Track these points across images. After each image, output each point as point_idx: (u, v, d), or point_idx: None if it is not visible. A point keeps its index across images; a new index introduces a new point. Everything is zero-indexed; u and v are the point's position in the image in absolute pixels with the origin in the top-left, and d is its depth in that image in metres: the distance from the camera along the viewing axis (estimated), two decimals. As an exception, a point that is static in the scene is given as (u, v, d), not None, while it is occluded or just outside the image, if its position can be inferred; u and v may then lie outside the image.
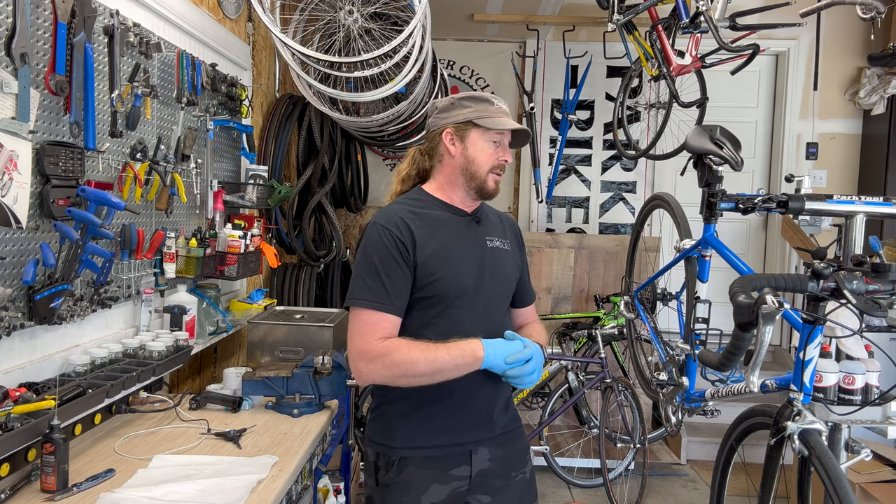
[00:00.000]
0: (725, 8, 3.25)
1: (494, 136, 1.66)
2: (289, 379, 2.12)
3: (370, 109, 3.92)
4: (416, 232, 1.59)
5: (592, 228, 5.13)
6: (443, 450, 1.62)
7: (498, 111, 1.66)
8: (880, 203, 1.96)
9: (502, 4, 4.59)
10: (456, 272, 1.60)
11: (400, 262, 1.56)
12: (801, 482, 1.77)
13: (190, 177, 2.56)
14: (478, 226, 1.72)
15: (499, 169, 1.67)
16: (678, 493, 3.78)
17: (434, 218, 1.66)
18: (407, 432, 1.63)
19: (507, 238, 1.77)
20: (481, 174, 1.66)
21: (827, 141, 4.87)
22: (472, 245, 1.68)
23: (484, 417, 1.65)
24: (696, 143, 2.16)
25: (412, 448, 1.62)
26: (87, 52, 1.85)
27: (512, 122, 1.66)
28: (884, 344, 1.88)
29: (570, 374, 3.84)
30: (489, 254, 1.69)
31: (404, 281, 1.57)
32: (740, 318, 1.50)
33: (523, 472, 1.72)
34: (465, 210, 1.71)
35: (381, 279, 1.55)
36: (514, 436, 1.73)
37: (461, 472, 1.62)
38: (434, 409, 1.62)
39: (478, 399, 1.64)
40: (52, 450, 1.47)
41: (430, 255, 1.59)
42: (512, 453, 1.71)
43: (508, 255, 1.75)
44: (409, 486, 1.59)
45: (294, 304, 3.85)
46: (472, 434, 1.64)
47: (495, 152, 1.67)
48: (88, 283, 1.97)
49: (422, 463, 1.60)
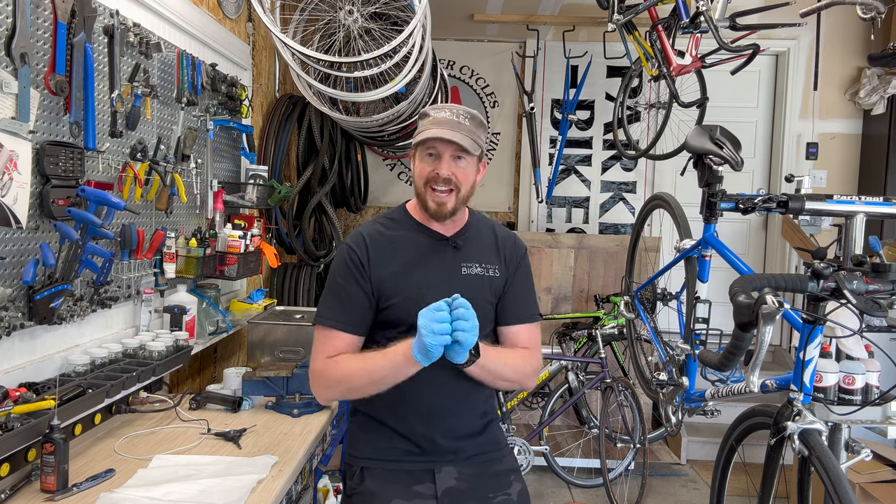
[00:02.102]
0: (725, 8, 3.25)
1: (428, 148, 1.57)
2: (289, 379, 2.12)
3: (370, 109, 3.92)
4: (374, 254, 1.58)
5: (592, 228, 5.13)
6: (403, 464, 1.59)
7: (431, 122, 1.56)
8: (880, 203, 1.96)
9: (502, 4, 4.59)
10: (413, 299, 1.52)
11: (358, 280, 1.57)
12: (801, 482, 1.77)
13: (190, 177, 2.56)
14: (455, 251, 1.63)
15: (434, 183, 1.56)
16: (678, 493, 3.78)
17: (401, 240, 1.62)
18: (368, 442, 1.62)
19: (495, 264, 1.66)
20: (420, 190, 1.60)
21: (827, 141, 4.87)
22: (441, 271, 1.60)
23: (447, 443, 1.60)
24: (696, 143, 2.16)
25: (372, 459, 1.61)
26: (87, 52, 1.85)
27: (431, 133, 1.53)
28: (884, 344, 1.88)
29: (570, 374, 3.84)
30: (461, 282, 1.59)
31: (362, 300, 1.57)
32: (740, 318, 1.50)
33: (506, 494, 1.62)
34: (441, 233, 1.64)
35: (340, 297, 1.57)
36: (494, 458, 1.66)
37: (425, 490, 1.57)
38: (395, 426, 1.60)
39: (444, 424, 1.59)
40: (52, 450, 1.47)
41: (387, 278, 1.57)
42: (489, 475, 1.63)
43: (488, 284, 1.63)
44: (372, 498, 1.57)
45: (294, 304, 3.86)
46: (433, 453, 1.60)
47: (430, 165, 1.57)
48: (88, 283, 1.97)
49: (383, 475, 1.59)
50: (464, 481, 1.59)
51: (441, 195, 1.57)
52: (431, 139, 1.55)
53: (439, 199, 1.57)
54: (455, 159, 1.57)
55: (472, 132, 1.57)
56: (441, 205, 1.58)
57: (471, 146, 1.55)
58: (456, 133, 1.54)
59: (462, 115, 1.58)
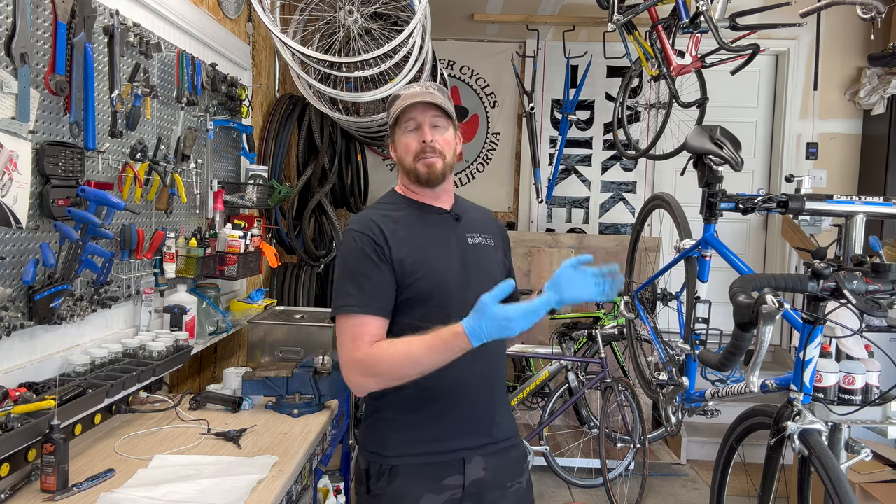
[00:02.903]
0: (725, 8, 3.25)
1: (407, 122, 1.61)
2: (289, 379, 2.12)
3: (370, 109, 3.92)
4: (389, 233, 1.57)
5: (592, 228, 5.13)
6: (435, 457, 1.58)
7: (402, 100, 1.62)
8: (880, 203, 1.96)
9: (502, 4, 4.59)
10: (436, 271, 1.56)
11: (377, 262, 1.54)
12: (801, 482, 1.77)
13: (190, 177, 2.56)
14: (457, 223, 1.67)
15: (423, 153, 1.60)
16: (678, 493, 3.78)
17: (408, 219, 1.63)
18: (397, 440, 1.60)
19: (490, 234, 1.72)
20: (409, 165, 1.62)
21: (827, 141, 4.87)
22: (451, 243, 1.63)
23: (479, 424, 1.61)
24: (696, 143, 2.16)
25: (403, 456, 1.58)
26: (87, 52, 1.85)
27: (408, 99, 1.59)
28: (884, 344, 1.88)
29: (570, 374, 3.83)
30: (471, 251, 1.64)
31: (385, 280, 1.54)
32: (740, 318, 1.50)
33: (519, 483, 1.67)
34: (440, 207, 1.67)
35: (360, 282, 1.53)
36: (511, 445, 1.68)
37: (454, 482, 1.58)
38: (425, 416, 1.58)
39: (473, 404, 1.60)
40: (52, 450, 1.47)
41: (406, 255, 1.57)
42: (508, 463, 1.65)
43: (492, 252, 1.70)
44: (402, 497, 1.55)
45: (294, 304, 3.85)
46: (465, 441, 1.60)
47: (414, 139, 1.61)
48: (88, 283, 1.97)
49: (413, 471, 1.57)
50: (489, 471, 1.61)
51: (430, 158, 1.60)
52: (408, 107, 1.60)
53: (429, 161, 1.60)
54: (434, 128, 1.61)
55: (442, 99, 1.62)
56: (431, 166, 1.60)
57: (446, 106, 1.62)
58: (429, 94, 1.60)
59: (430, 87, 1.65)
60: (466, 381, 1.58)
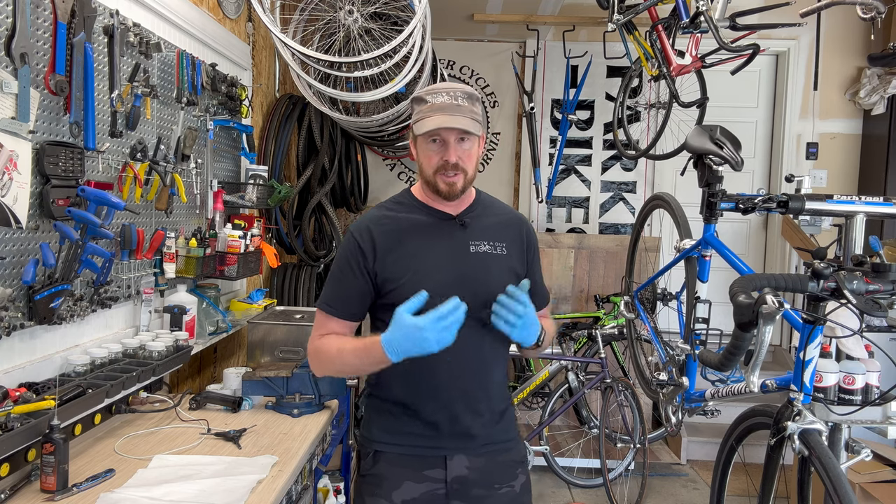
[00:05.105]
0: (725, 8, 3.25)
1: (432, 135, 1.56)
2: (289, 379, 2.12)
3: (370, 109, 3.92)
4: (379, 239, 1.59)
5: (592, 228, 5.13)
6: (415, 450, 1.60)
7: (430, 109, 1.55)
8: (880, 203, 1.96)
9: (502, 4, 4.59)
10: (420, 279, 1.54)
11: (355, 271, 1.60)
12: (801, 482, 1.77)
13: (190, 177, 2.56)
14: (462, 230, 1.64)
15: (444, 170, 1.57)
16: (678, 493, 3.78)
17: (407, 222, 1.63)
18: (382, 426, 1.64)
19: (504, 241, 1.66)
20: (429, 177, 1.60)
21: (827, 141, 4.87)
22: (449, 250, 1.61)
23: (460, 429, 1.60)
24: (696, 143, 2.16)
25: (386, 443, 1.62)
26: (87, 52, 1.85)
27: (434, 122, 1.53)
28: (884, 344, 1.88)
29: (570, 374, 3.84)
30: (471, 260, 1.61)
31: (358, 288, 1.61)
32: (740, 318, 1.50)
33: (510, 486, 1.64)
34: (447, 213, 1.65)
35: (335, 285, 1.64)
36: (503, 448, 1.66)
37: (436, 475, 1.59)
38: (409, 411, 1.61)
39: (456, 409, 1.59)
40: (52, 450, 1.47)
41: (394, 261, 1.58)
42: (498, 465, 1.64)
43: (499, 261, 1.63)
44: (382, 480, 1.60)
45: (294, 304, 3.85)
46: (445, 442, 1.60)
47: (437, 153, 1.57)
48: (88, 283, 1.97)
49: (395, 459, 1.61)
50: (474, 471, 1.61)
51: (451, 178, 1.59)
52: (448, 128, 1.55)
53: (450, 181, 1.59)
54: (459, 142, 1.58)
55: (471, 112, 1.57)
56: (452, 185, 1.59)
57: (474, 128, 1.56)
58: (458, 118, 1.54)
59: (460, 97, 1.57)
60: (443, 397, 1.59)
